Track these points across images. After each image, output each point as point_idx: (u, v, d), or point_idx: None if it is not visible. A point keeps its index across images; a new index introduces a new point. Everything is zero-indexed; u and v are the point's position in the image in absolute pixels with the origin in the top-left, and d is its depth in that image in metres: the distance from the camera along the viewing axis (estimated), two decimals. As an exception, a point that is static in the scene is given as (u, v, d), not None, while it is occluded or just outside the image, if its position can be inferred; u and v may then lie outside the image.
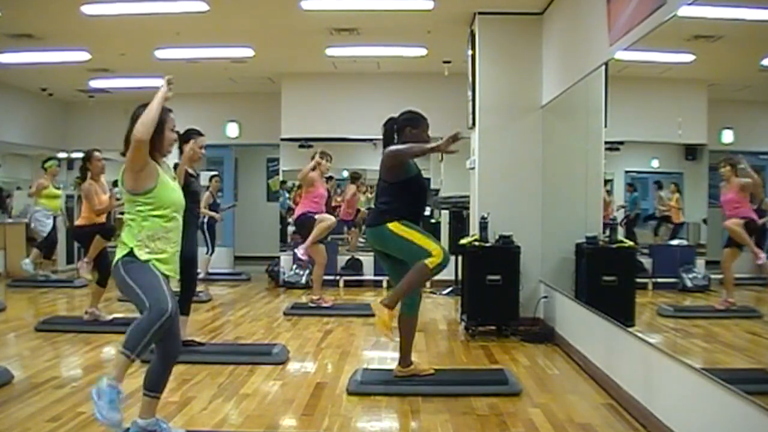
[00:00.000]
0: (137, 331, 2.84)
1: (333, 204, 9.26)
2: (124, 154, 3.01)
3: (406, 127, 4.09)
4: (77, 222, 6.12)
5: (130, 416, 3.56)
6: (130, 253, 2.96)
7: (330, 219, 6.69)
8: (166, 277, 3.04)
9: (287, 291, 8.34)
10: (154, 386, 3.03)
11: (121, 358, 2.89)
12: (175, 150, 3.46)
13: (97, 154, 6.01)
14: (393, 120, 4.16)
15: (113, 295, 6.62)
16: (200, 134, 4.74)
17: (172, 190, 3.06)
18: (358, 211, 9.50)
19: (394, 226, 3.86)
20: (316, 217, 6.60)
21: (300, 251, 6.76)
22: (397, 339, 4.21)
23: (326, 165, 6.91)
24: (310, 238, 6.55)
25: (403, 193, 3.97)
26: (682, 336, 3.59)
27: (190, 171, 4.70)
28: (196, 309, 4.87)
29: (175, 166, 3.94)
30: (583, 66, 4.70)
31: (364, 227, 4.70)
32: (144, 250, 2.95)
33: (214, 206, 9.00)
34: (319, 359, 4.89)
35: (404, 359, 4.21)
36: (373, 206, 4.24)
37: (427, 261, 3.76)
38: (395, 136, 4.11)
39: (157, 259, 2.98)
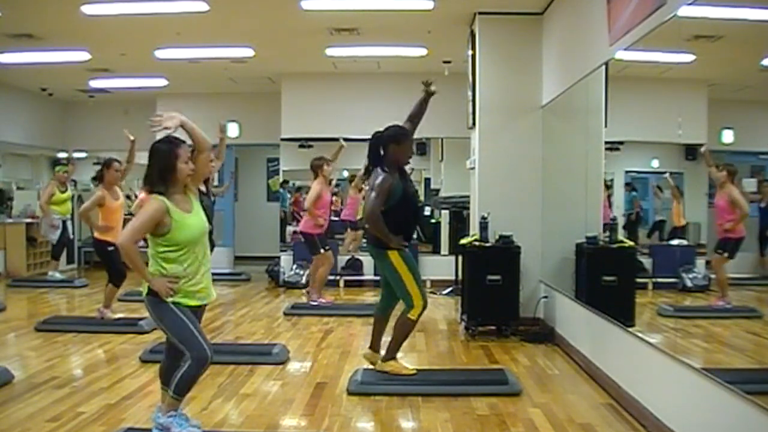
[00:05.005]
0: (185, 380, 3.05)
1: (333, 208, 9.30)
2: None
3: (391, 143, 4.16)
4: (95, 234, 6.03)
5: (131, 415, 3.57)
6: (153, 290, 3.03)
7: (329, 260, 7.10)
8: (198, 307, 3.12)
9: (287, 291, 8.34)
10: (183, 392, 3.11)
11: (171, 400, 3.09)
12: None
13: (116, 164, 5.97)
14: (379, 135, 4.21)
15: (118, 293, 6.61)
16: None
17: (187, 226, 3.06)
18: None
19: (394, 257, 4.13)
20: (321, 253, 6.97)
21: (313, 297, 7.10)
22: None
23: (329, 169, 7.04)
24: (317, 287, 7.05)
25: (396, 214, 4.08)
26: (682, 336, 3.59)
27: (201, 188, 4.67)
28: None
29: None
30: (583, 66, 4.70)
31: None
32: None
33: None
34: (319, 359, 4.89)
35: (387, 353, 4.31)
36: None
37: (410, 314, 4.16)
38: (381, 152, 4.16)
39: (180, 297, 3.05)
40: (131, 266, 3.03)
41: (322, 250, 6.97)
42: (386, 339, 4.37)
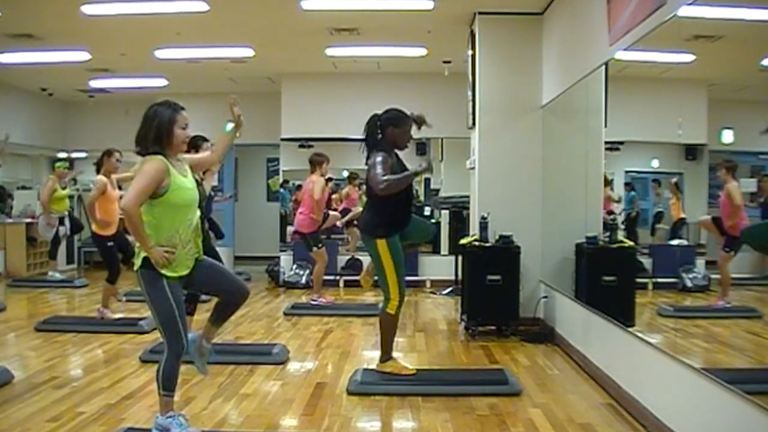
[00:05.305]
0: (167, 373, 3.06)
1: (335, 207, 9.35)
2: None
3: (389, 125, 4.13)
4: (94, 228, 6.00)
5: (131, 415, 3.57)
6: (147, 263, 3.00)
7: (323, 258, 7.09)
8: (183, 277, 3.09)
9: (287, 291, 8.34)
10: (170, 386, 3.10)
11: (162, 399, 3.09)
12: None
13: (117, 154, 5.93)
14: (377, 117, 4.19)
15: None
16: (205, 140, 4.81)
17: (184, 189, 3.07)
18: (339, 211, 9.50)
19: (381, 246, 4.10)
20: (314, 251, 7.06)
21: (313, 298, 7.14)
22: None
23: (327, 167, 7.08)
24: (316, 286, 7.15)
25: (391, 199, 4.07)
26: (682, 336, 3.60)
27: (196, 177, 4.70)
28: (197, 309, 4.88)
29: None
30: (583, 66, 4.70)
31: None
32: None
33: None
34: (319, 359, 4.89)
35: (381, 354, 4.32)
36: (365, 204, 4.38)
37: (388, 308, 4.17)
38: (378, 133, 4.14)
39: (170, 270, 3.02)
40: (133, 232, 2.98)
41: (315, 248, 7.01)
42: (378, 339, 4.37)
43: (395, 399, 3.89)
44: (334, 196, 9.70)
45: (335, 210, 9.42)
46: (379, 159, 4.01)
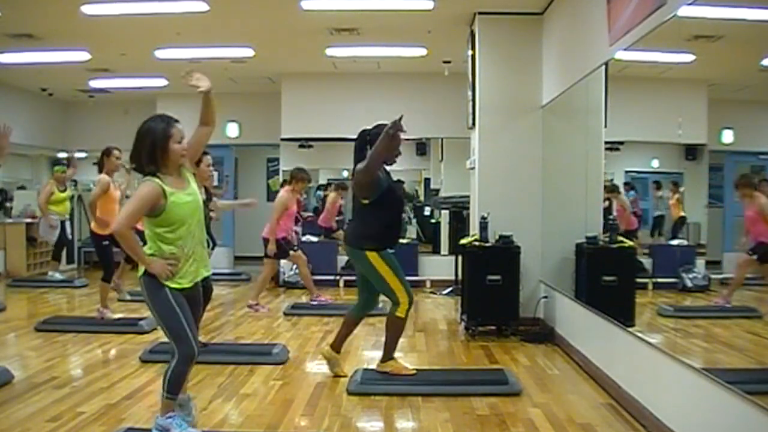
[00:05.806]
0: (173, 378, 3.04)
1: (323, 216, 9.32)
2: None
3: (377, 141, 4.07)
4: (92, 227, 6.01)
5: (131, 415, 3.57)
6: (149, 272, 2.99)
7: (302, 258, 7.17)
8: (185, 289, 3.06)
9: (287, 291, 8.34)
10: (175, 390, 3.09)
11: (165, 401, 3.07)
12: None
13: (116, 152, 5.94)
14: (366, 132, 4.19)
15: (113, 295, 6.62)
16: (205, 153, 4.74)
17: (182, 205, 3.02)
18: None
19: (373, 257, 4.07)
20: (292, 253, 7.08)
21: (312, 298, 7.18)
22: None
23: (301, 186, 7.07)
24: (308, 286, 7.23)
25: (380, 209, 4.08)
26: (682, 336, 3.60)
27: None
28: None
29: None
30: (583, 66, 4.70)
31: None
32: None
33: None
34: (319, 359, 4.89)
35: (384, 354, 4.31)
36: (352, 219, 4.31)
37: (397, 312, 4.13)
38: (367, 148, 4.11)
39: (173, 282, 3.00)
40: (129, 252, 2.97)
41: (291, 252, 6.99)
42: (378, 339, 4.37)
43: (395, 399, 3.89)
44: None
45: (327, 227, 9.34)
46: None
